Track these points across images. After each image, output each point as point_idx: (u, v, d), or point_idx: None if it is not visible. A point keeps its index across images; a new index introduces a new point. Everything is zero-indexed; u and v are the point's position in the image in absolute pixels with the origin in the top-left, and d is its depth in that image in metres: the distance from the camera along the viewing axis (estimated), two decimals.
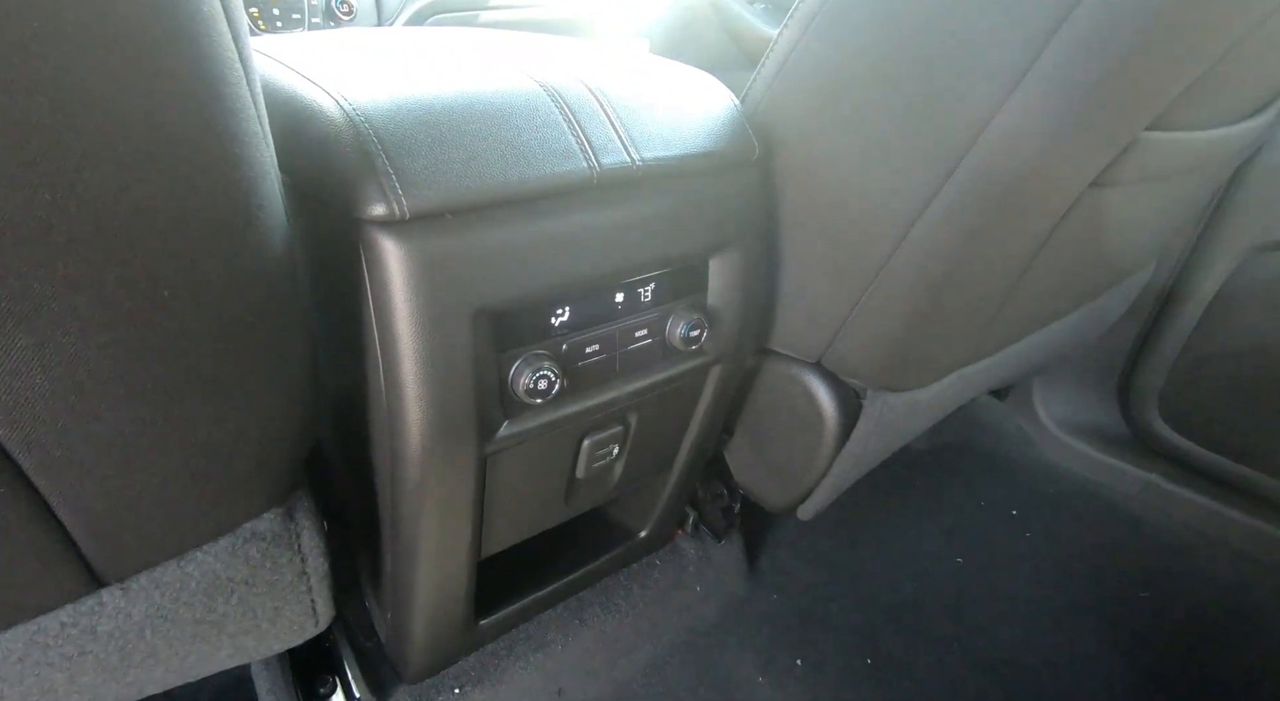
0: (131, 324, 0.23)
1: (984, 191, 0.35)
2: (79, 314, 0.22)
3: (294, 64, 0.35)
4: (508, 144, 0.31)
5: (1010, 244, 0.38)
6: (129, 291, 0.22)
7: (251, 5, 0.82)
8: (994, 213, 0.36)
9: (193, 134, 0.21)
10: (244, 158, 0.23)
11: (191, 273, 0.24)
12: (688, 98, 0.40)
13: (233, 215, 0.24)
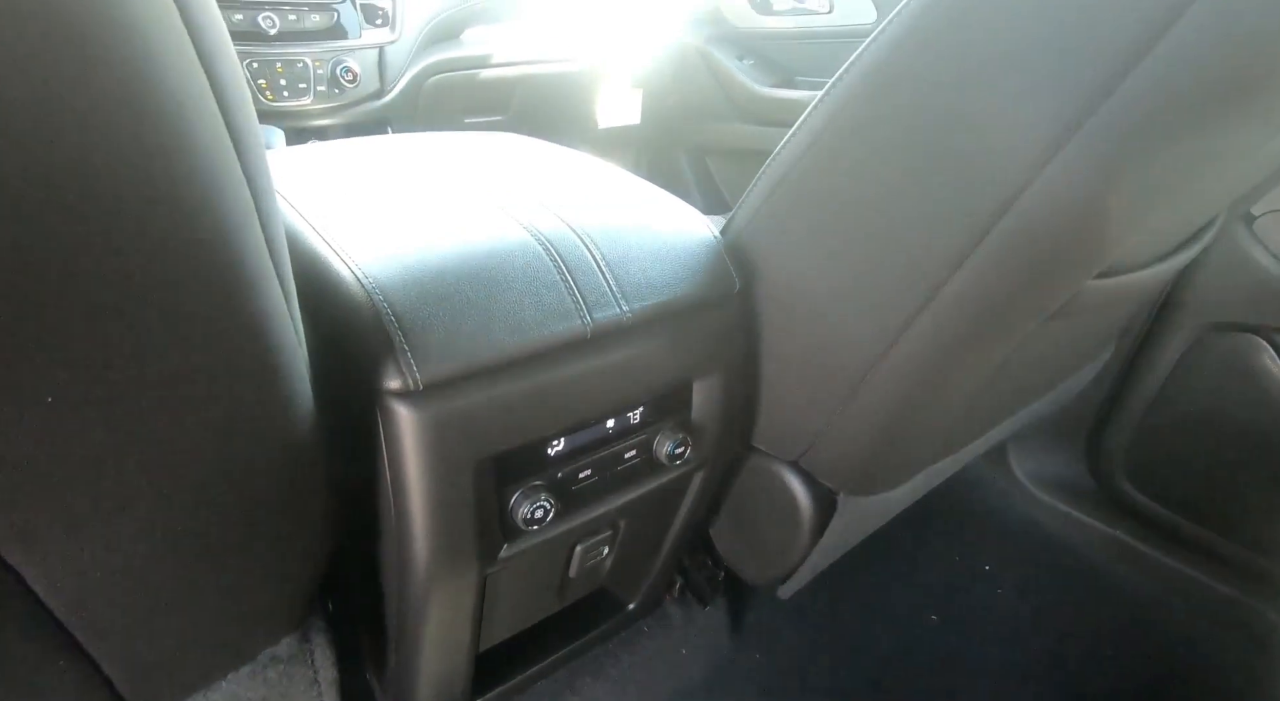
0: (176, 510, 0.26)
1: (965, 314, 0.37)
2: (134, 511, 0.25)
3: (308, 215, 0.38)
4: (512, 310, 0.34)
5: (991, 352, 0.41)
6: (177, 489, 0.25)
7: (260, 77, 0.85)
8: (972, 334, 0.38)
9: (233, 344, 0.24)
10: (279, 347, 0.26)
11: (229, 457, 0.27)
12: (671, 237, 0.43)
13: (269, 407, 0.27)
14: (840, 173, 0.39)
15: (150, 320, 0.20)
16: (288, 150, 0.54)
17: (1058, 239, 0.33)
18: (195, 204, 0.20)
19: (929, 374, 0.40)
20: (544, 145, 0.61)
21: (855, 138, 0.38)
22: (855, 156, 0.38)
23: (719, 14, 1.25)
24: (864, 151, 0.38)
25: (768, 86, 1.18)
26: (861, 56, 0.36)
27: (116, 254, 0.19)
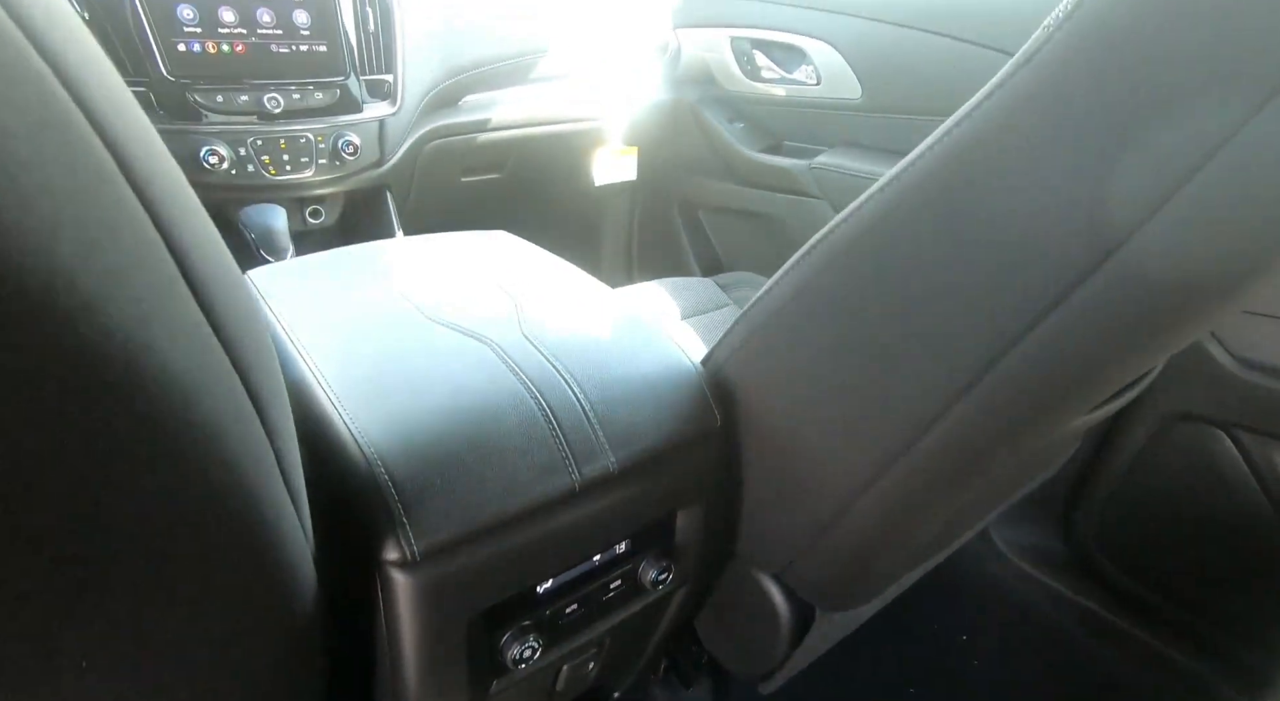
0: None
1: (960, 448, 0.37)
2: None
3: (311, 361, 0.40)
4: (505, 471, 0.37)
5: (983, 478, 0.41)
6: (175, 682, 0.27)
7: (263, 154, 0.88)
8: (964, 464, 0.38)
9: (248, 572, 0.26)
10: (292, 563, 0.28)
11: (231, 654, 0.29)
12: (654, 376, 0.45)
13: (276, 605, 0.29)
14: (831, 316, 0.40)
15: (173, 569, 0.22)
16: (282, 270, 0.56)
17: (1069, 369, 0.33)
18: (222, 481, 0.22)
19: (915, 503, 0.41)
20: (526, 252, 0.63)
21: (847, 285, 0.39)
22: (847, 301, 0.39)
23: (710, 75, 1.29)
24: (855, 297, 0.38)
25: (757, 151, 1.22)
26: (863, 207, 0.37)
27: (144, 524, 0.20)
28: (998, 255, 0.32)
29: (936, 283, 0.35)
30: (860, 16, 1.02)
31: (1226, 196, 0.27)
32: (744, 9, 1.19)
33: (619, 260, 1.58)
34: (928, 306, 0.35)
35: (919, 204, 0.35)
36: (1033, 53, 0.30)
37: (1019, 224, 0.31)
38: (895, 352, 0.37)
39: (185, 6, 0.78)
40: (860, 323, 0.39)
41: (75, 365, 0.15)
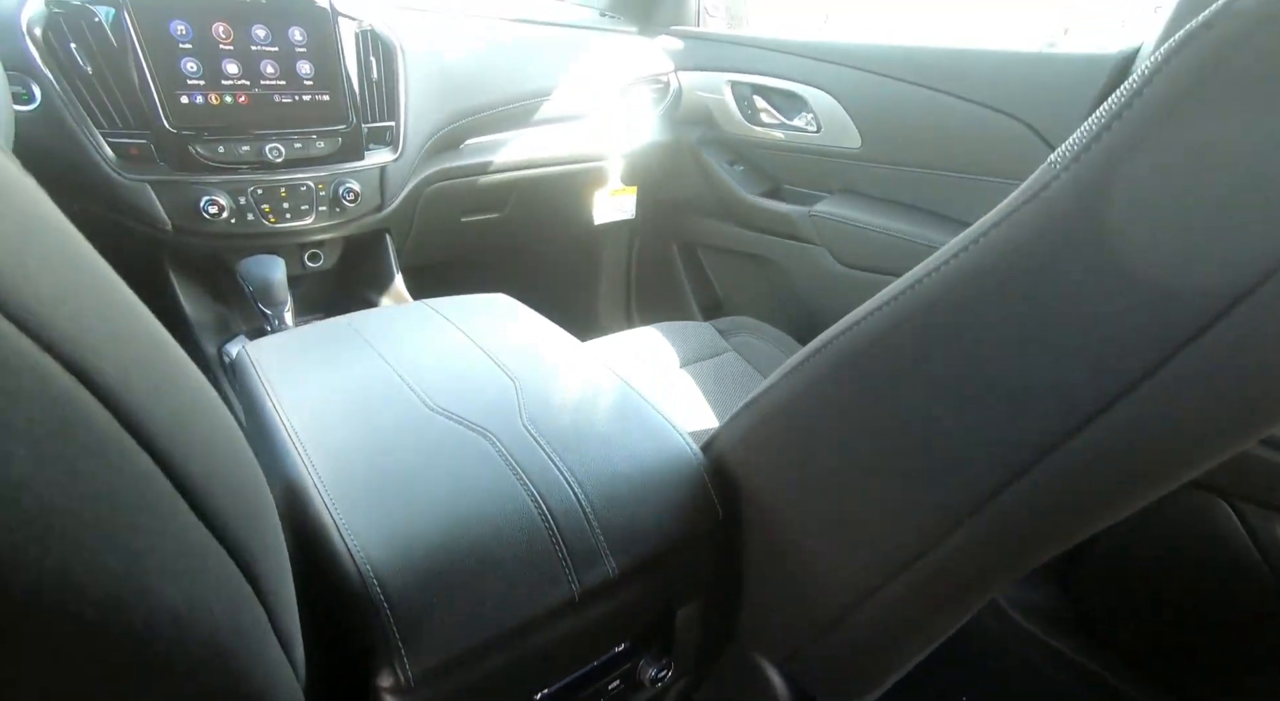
0: None
1: (976, 559, 0.35)
2: None
3: (308, 460, 0.40)
4: (504, 584, 0.36)
5: (997, 586, 0.40)
6: None
7: (264, 203, 0.88)
8: (981, 574, 0.37)
9: None
10: None
11: None
12: (655, 469, 0.45)
13: None
14: (837, 422, 0.39)
15: None
16: (279, 344, 0.55)
17: (1080, 497, 0.32)
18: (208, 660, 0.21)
19: (921, 612, 0.40)
20: (525, 322, 0.63)
21: (854, 393, 0.38)
22: (853, 409, 0.38)
23: (710, 116, 1.30)
24: (862, 407, 0.37)
25: (757, 194, 1.22)
26: (871, 316, 0.36)
27: None
28: (1006, 386, 0.32)
29: (946, 403, 0.34)
30: (860, 69, 1.03)
31: (1241, 349, 0.26)
32: (745, 55, 1.20)
33: (617, 297, 1.58)
34: (936, 425, 0.35)
35: (926, 325, 0.35)
36: (1039, 188, 0.30)
37: (1029, 358, 0.31)
38: (902, 466, 0.37)
39: (189, 60, 0.78)
40: (866, 432, 0.38)
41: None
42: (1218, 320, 0.26)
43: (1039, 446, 0.31)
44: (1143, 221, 0.27)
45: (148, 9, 0.75)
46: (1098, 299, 0.29)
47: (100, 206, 0.80)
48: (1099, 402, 0.29)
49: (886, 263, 1.04)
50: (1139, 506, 0.34)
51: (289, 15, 0.83)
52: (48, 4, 0.73)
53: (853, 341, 0.38)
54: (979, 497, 0.34)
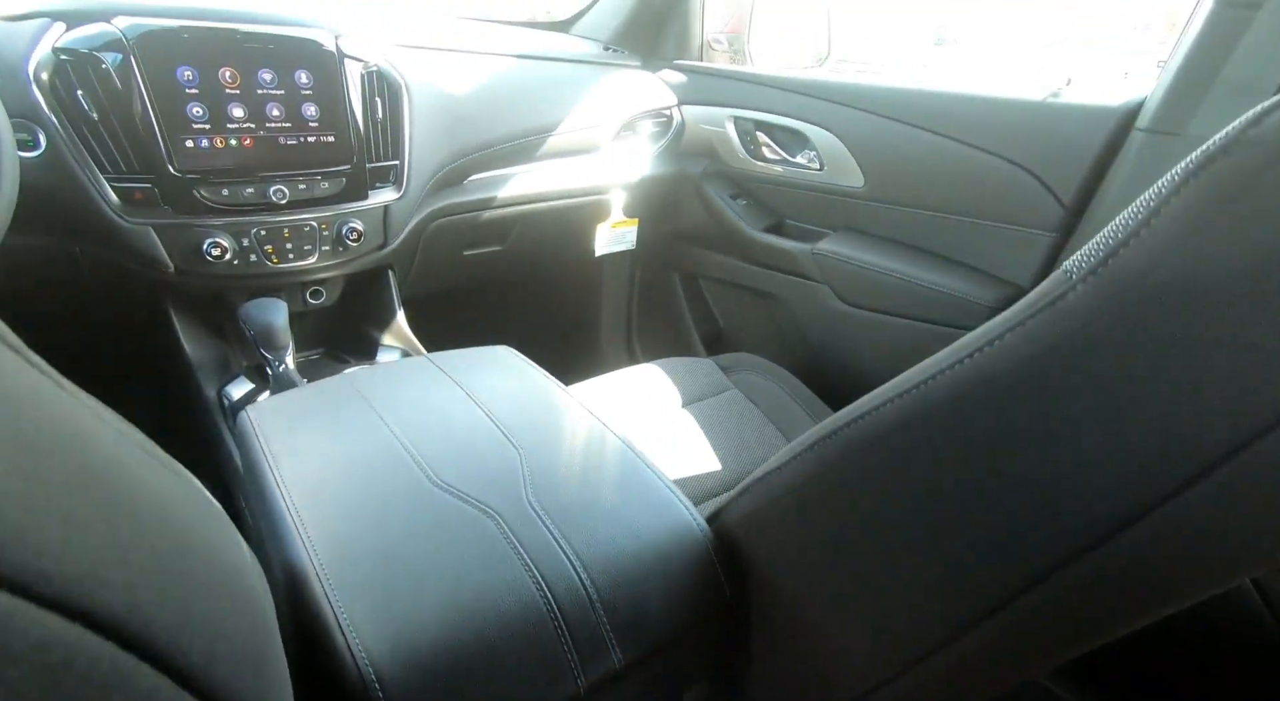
0: None
1: (998, 652, 0.34)
2: None
3: (308, 541, 0.39)
4: (510, 685, 0.35)
5: (1021, 675, 0.39)
6: None
7: (266, 243, 0.87)
8: (1003, 667, 0.35)
9: None
10: None
11: None
12: (662, 549, 0.44)
13: None
14: (847, 511, 0.39)
15: None
16: (281, 409, 0.55)
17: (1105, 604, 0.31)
18: None
19: (940, 698, 0.40)
20: (529, 381, 0.62)
21: (863, 484, 0.37)
22: (862, 501, 0.37)
23: (713, 150, 1.31)
24: (871, 499, 0.37)
25: (759, 229, 1.23)
26: (883, 408, 0.35)
27: None
28: (1023, 492, 0.32)
29: (960, 503, 0.34)
30: (864, 110, 1.04)
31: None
32: (747, 92, 1.21)
33: (618, 327, 1.58)
34: (949, 524, 0.35)
35: (939, 423, 0.34)
36: (1055, 296, 0.30)
37: (1049, 465, 0.31)
38: (915, 562, 0.36)
39: (195, 104, 0.78)
40: (879, 524, 0.38)
41: None
42: (1264, 434, 0.25)
43: (1060, 555, 0.31)
44: (1165, 342, 0.27)
45: (155, 55, 0.75)
46: (1121, 412, 0.28)
47: (102, 249, 0.80)
48: (1125, 516, 0.29)
49: (889, 303, 1.04)
50: (1172, 611, 0.33)
51: (296, 58, 0.84)
52: (55, 51, 0.73)
53: (865, 431, 0.38)
54: (997, 599, 0.33)
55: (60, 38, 0.73)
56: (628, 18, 1.30)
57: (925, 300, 0.99)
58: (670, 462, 0.87)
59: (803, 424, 0.98)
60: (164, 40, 0.75)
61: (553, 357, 1.61)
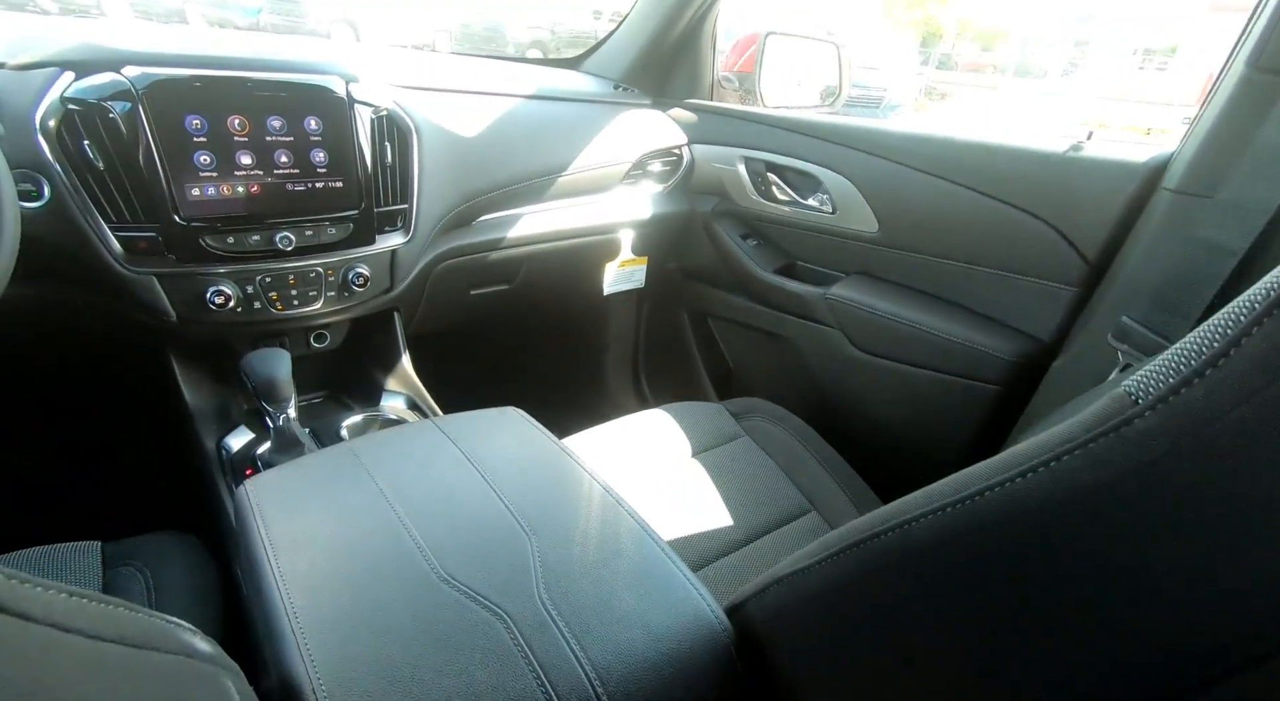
0: None
1: None
2: None
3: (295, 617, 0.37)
4: None
5: None
6: None
7: (271, 291, 0.86)
8: None
9: None
10: None
11: None
12: (680, 644, 0.41)
13: None
14: (873, 624, 0.37)
15: None
16: (281, 485, 0.53)
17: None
18: None
19: None
20: (538, 449, 0.60)
21: (893, 600, 0.35)
22: (892, 617, 0.35)
23: (724, 189, 1.29)
24: (901, 616, 0.35)
25: (770, 271, 1.21)
26: (915, 524, 0.33)
27: None
28: (1075, 637, 0.29)
29: (1002, 637, 0.31)
30: (878, 155, 1.03)
31: None
32: (758, 133, 1.20)
33: (625, 364, 1.56)
34: (989, 656, 0.32)
35: (985, 546, 0.32)
36: (1118, 421, 0.28)
37: (1106, 613, 0.28)
38: (942, 686, 0.34)
39: (203, 153, 0.77)
40: (903, 642, 0.35)
41: None
42: None
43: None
44: (1260, 496, 0.25)
45: (164, 105, 0.74)
46: (1201, 564, 0.26)
47: (103, 298, 0.78)
48: (1215, 671, 0.26)
49: (904, 351, 1.02)
50: None
51: (306, 105, 0.83)
52: (63, 101, 0.72)
53: (902, 542, 0.35)
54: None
55: (69, 87, 0.72)
56: (638, 56, 1.30)
57: (942, 350, 0.97)
58: (681, 518, 0.85)
59: (816, 475, 0.96)
60: (173, 89, 0.74)
61: (559, 396, 1.60)
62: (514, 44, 10.36)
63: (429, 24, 12.62)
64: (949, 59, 19.01)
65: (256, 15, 11.06)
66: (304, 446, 0.81)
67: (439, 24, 12.83)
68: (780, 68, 1.40)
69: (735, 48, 1.54)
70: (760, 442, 1.01)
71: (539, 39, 10.71)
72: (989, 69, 19.39)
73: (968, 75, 17.94)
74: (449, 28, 12.45)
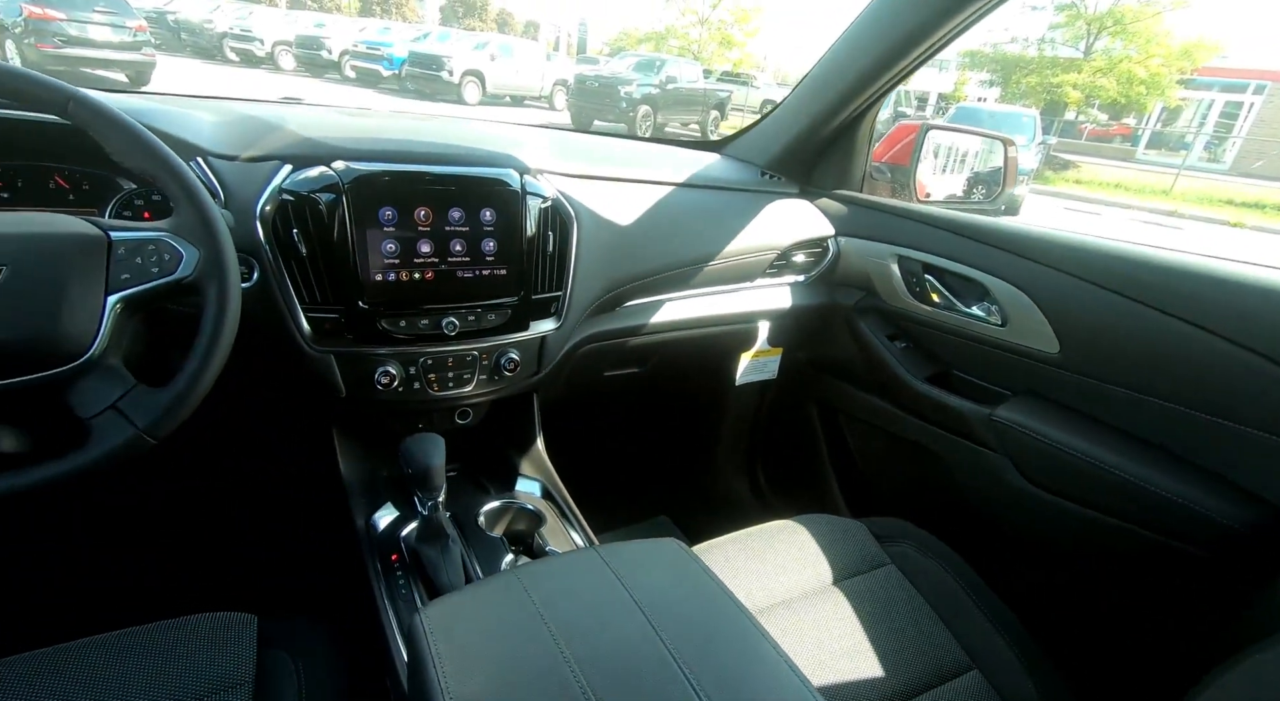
0: None
1: None
2: None
3: None
4: None
5: None
6: None
7: (430, 372, 0.88)
8: None
9: None
10: None
11: None
12: None
13: None
14: None
15: None
16: (456, 614, 0.52)
17: None
18: None
19: None
20: (698, 588, 0.57)
21: None
22: None
23: (870, 284, 1.23)
24: None
25: (921, 379, 1.12)
26: None
27: None
28: None
29: None
30: (1064, 271, 0.94)
31: None
32: (916, 231, 1.14)
33: (741, 453, 1.50)
34: None
35: None
36: None
37: None
38: None
39: (390, 241, 0.81)
40: None
41: None
42: None
43: None
44: None
45: (362, 197, 0.79)
46: None
47: (284, 374, 0.83)
48: None
49: (1088, 493, 0.90)
50: None
51: (484, 198, 0.86)
52: (279, 190, 0.78)
53: None
54: None
55: (286, 178, 0.78)
56: (789, 145, 1.28)
57: (1136, 499, 0.85)
58: (829, 661, 0.77)
59: (977, 625, 0.85)
60: (372, 182, 0.79)
61: (676, 479, 1.56)
62: (625, 97, 10.88)
63: (542, 74, 13.55)
64: (1073, 126, 18.11)
65: (399, 68, 12.30)
66: (449, 536, 0.81)
67: (553, 74, 13.75)
68: (937, 161, 1.34)
69: (888, 138, 1.50)
70: (909, 575, 0.91)
71: (649, 95, 11.19)
72: (1118, 138, 18.30)
73: (1094, 144, 16.99)
74: (565, 78, 13.29)
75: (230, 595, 0.75)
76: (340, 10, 27.77)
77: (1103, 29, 14.96)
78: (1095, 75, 14.83)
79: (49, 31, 7.44)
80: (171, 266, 0.61)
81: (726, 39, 21.28)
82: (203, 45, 13.49)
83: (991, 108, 12.00)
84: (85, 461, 0.56)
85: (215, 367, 0.61)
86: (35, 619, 0.97)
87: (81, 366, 0.57)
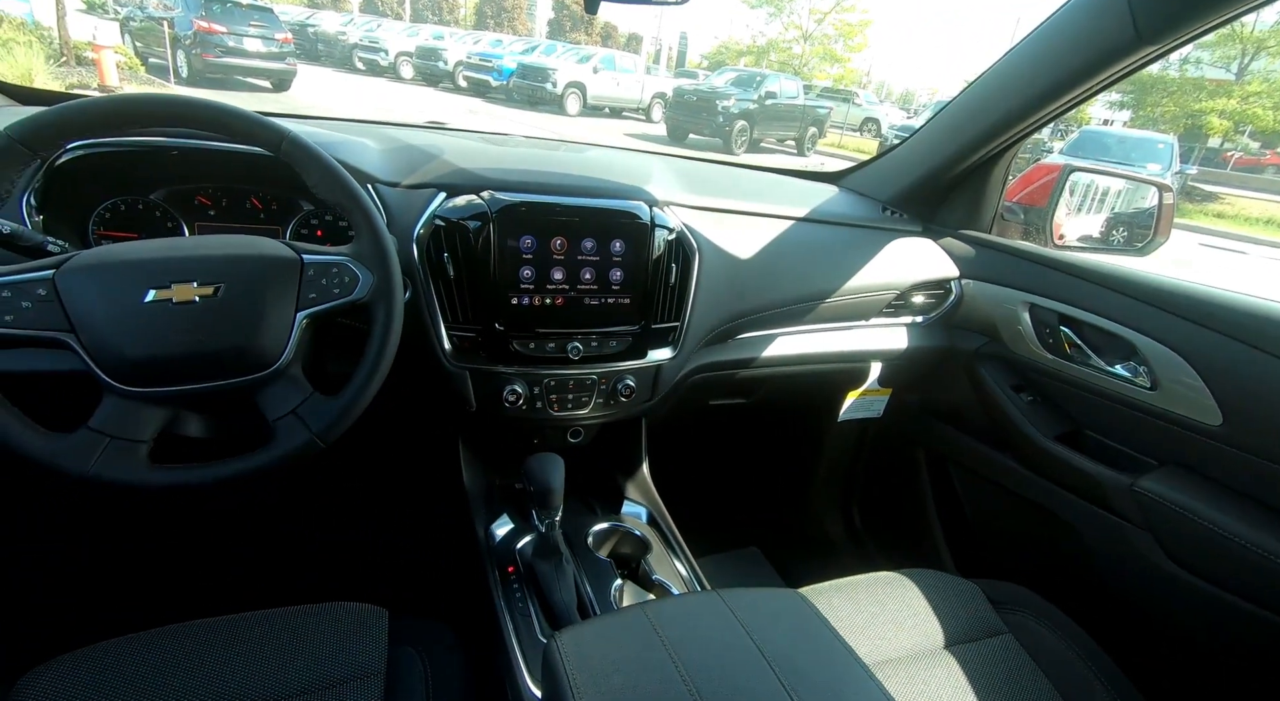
0: None
1: None
2: None
3: None
4: None
5: None
6: None
7: (553, 393, 0.91)
8: None
9: None
10: None
11: None
12: None
13: None
14: None
15: None
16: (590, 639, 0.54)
17: None
18: None
19: None
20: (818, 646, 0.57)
21: None
22: None
23: (995, 331, 1.17)
24: None
25: (1050, 437, 1.05)
26: None
27: None
28: None
29: None
30: (1232, 337, 0.85)
31: None
32: (1053, 279, 1.07)
33: (837, 492, 1.46)
34: None
35: None
36: None
37: None
38: None
39: (527, 268, 0.85)
40: None
41: None
42: None
43: None
44: None
45: (507, 225, 0.83)
46: None
47: (423, 387, 0.89)
48: None
49: (1248, 583, 0.81)
50: None
51: (616, 230, 0.89)
52: (433, 216, 0.84)
53: None
54: None
55: (441, 205, 0.84)
56: (916, 181, 1.24)
57: None
58: None
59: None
60: (515, 212, 0.84)
61: (762, 504, 1.54)
62: (723, 111, 10.88)
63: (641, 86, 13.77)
64: (1217, 153, 16.41)
65: (507, 78, 12.91)
66: (562, 554, 0.84)
67: (652, 87, 13.95)
68: (1072, 199, 1.26)
69: (1023, 177, 1.42)
70: (1029, 648, 0.85)
71: (747, 110, 11.15)
72: (1271, 168, 16.39)
73: (1242, 174, 15.29)
74: (664, 91, 13.45)
75: (361, 589, 0.81)
76: (458, 23, 29.58)
77: (1262, 48, 13.49)
78: (1248, 101, 13.38)
79: (212, 43, 8.39)
80: (350, 288, 0.67)
81: (830, 54, 20.90)
82: (336, 56, 14.77)
83: (1121, 132, 11.04)
84: (267, 460, 0.62)
85: (379, 380, 0.67)
86: (226, 591, 1.10)
87: (273, 374, 0.64)
